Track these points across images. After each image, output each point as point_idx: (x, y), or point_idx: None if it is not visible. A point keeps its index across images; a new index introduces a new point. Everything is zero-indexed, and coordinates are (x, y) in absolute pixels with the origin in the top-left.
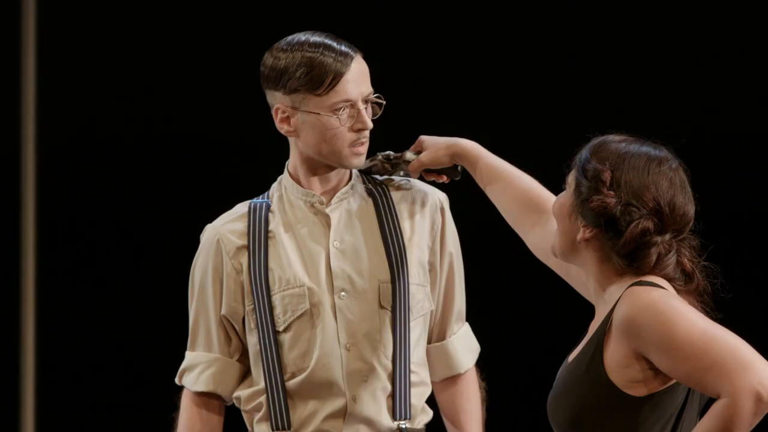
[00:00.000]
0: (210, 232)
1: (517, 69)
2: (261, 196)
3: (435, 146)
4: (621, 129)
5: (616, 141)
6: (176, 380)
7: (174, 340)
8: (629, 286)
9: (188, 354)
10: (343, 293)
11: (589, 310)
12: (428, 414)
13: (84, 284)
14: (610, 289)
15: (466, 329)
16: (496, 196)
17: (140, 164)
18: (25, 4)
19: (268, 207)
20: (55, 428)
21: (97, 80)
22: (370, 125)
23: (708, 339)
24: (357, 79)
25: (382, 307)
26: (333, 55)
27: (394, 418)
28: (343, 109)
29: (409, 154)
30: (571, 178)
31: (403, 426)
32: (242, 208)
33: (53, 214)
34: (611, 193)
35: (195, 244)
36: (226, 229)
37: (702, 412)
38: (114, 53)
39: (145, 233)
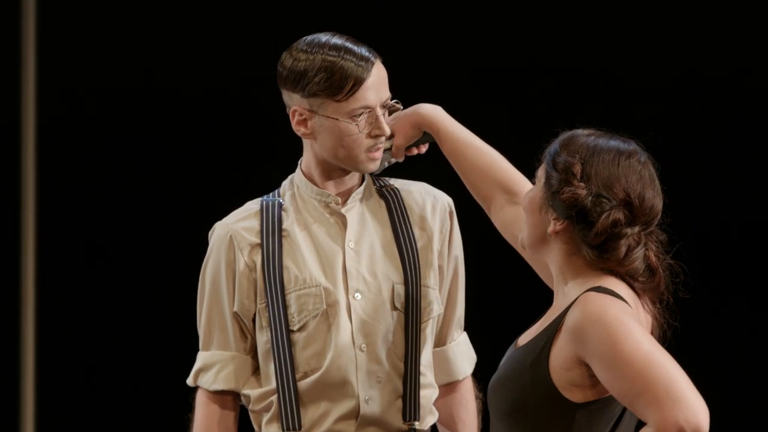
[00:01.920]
0: (222, 230)
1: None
2: (271, 194)
3: (401, 124)
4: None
5: (585, 135)
6: (190, 381)
7: (174, 340)
8: (587, 290)
9: (202, 354)
10: (357, 294)
11: None
12: (435, 415)
13: (84, 284)
14: (572, 284)
15: (465, 337)
16: (465, 170)
17: (141, 164)
18: (25, 3)
19: (281, 205)
20: (55, 428)
21: (98, 76)
22: (388, 132)
23: (648, 364)
24: (377, 85)
25: (395, 308)
26: (354, 59)
27: (404, 419)
28: (362, 115)
29: (385, 143)
30: (540, 172)
31: (413, 427)
32: (254, 205)
33: (53, 213)
34: (582, 184)
35: (197, 242)
36: (239, 226)
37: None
38: (115, 48)
39: (146, 233)
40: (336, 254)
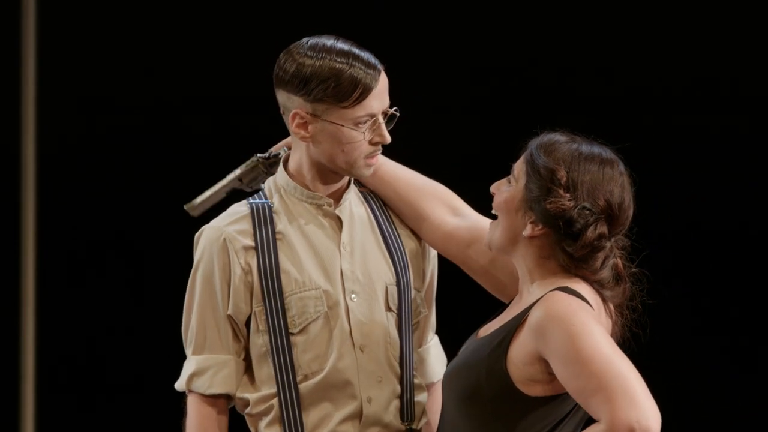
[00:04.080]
0: (213, 233)
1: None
2: (256, 197)
3: None
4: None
5: (566, 141)
6: (183, 386)
7: (174, 341)
8: (553, 290)
9: (195, 358)
10: (353, 295)
11: None
12: (427, 415)
13: (84, 284)
14: (539, 283)
15: (437, 339)
16: (399, 191)
17: (141, 164)
18: (25, 3)
19: (271, 208)
20: (55, 428)
21: (97, 79)
22: (389, 139)
23: (606, 363)
24: (381, 93)
25: (389, 309)
26: (362, 67)
27: (402, 419)
28: (366, 123)
29: (283, 152)
30: (519, 173)
31: (411, 427)
32: (243, 208)
33: (53, 214)
34: (567, 195)
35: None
36: (231, 229)
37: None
38: (115, 48)
39: (146, 233)
40: (333, 256)
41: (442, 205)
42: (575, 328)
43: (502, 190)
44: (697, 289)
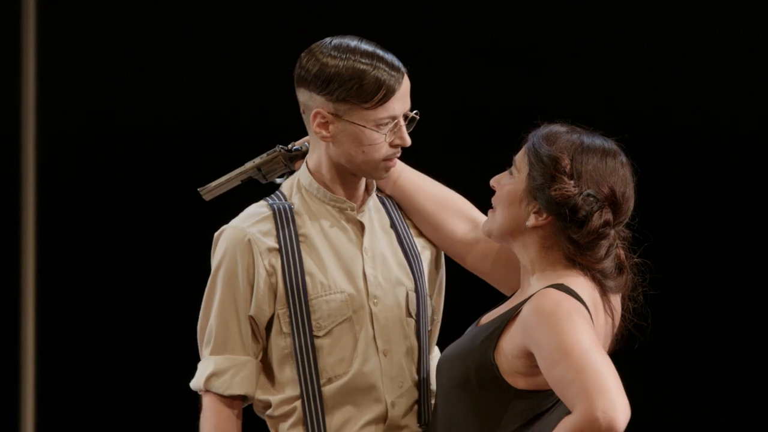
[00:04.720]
0: (237, 233)
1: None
2: (275, 197)
3: None
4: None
5: (567, 131)
6: (200, 386)
7: (174, 340)
8: (548, 286)
9: (213, 358)
10: (375, 300)
11: None
12: None
13: (84, 284)
14: (539, 275)
15: (438, 351)
16: (419, 198)
17: (141, 163)
18: (25, 3)
19: (292, 209)
20: (55, 428)
21: (97, 76)
22: (410, 142)
23: (584, 357)
24: (404, 95)
25: (409, 314)
26: (387, 69)
27: (419, 422)
28: (387, 124)
29: (304, 147)
30: (521, 164)
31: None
32: (263, 209)
33: (53, 213)
34: (572, 182)
35: (197, 242)
36: (255, 230)
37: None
38: (115, 49)
39: (147, 233)
40: (356, 261)
41: (461, 218)
42: (562, 321)
43: (504, 182)
44: (695, 286)
